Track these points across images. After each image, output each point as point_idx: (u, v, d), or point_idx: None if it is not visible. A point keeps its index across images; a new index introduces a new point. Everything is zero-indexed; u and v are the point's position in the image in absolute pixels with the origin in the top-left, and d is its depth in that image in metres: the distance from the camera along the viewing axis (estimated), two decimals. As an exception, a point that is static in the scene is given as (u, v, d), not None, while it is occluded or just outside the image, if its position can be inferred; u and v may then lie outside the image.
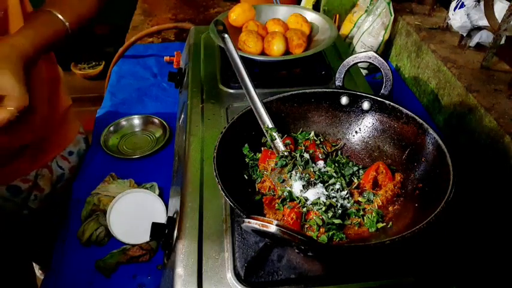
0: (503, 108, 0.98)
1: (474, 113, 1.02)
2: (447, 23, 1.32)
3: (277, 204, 0.65)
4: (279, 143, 0.72)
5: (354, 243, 0.60)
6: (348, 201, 0.66)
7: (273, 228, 0.46)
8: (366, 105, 0.76)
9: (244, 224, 0.48)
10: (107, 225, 0.93)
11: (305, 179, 0.67)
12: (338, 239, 0.60)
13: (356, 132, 0.78)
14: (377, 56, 0.74)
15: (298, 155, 0.71)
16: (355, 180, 0.69)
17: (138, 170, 1.13)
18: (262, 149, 0.74)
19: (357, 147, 0.77)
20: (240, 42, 1.02)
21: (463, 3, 1.19)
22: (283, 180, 0.68)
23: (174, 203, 0.77)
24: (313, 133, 0.77)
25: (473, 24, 1.17)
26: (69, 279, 0.87)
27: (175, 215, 0.72)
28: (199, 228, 0.66)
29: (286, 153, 0.71)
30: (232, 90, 0.98)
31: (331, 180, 0.67)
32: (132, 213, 0.96)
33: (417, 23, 1.40)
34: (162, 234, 0.71)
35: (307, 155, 0.71)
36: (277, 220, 0.49)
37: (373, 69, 1.49)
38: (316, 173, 0.68)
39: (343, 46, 1.23)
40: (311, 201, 0.63)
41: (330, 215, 0.61)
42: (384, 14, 1.42)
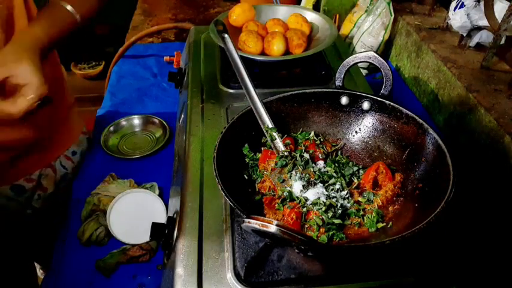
0: (503, 108, 0.98)
1: (474, 113, 1.02)
2: (447, 23, 1.32)
3: (277, 204, 0.65)
4: (279, 143, 0.72)
5: (354, 243, 0.60)
6: (348, 201, 0.66)
7: (273, 228, 0.46)
8: (366, 105, 0.76)
9: (244, 224, 0.48)
10: (107, 225, 0.93)
11: (305, 179, 0.67)
12: (338, 239, 0.60)
13: (356, 132, 0.78)
14: (377, 56, 0.74)
15: (298, 155, 0.71)
16: (355, 180, 0.69)
17: (138, 170, 1.13)
18: (262, 149, 0.74)
19: (357, 147, 0.77)
20: (240, 42, 1.02)
21: (463, 3, 1.19)
22: (283, 180, 0.68)
23: (174, 203, 0.77)
24: (313, 133, 0.77)
25: (473, 24, 1.17)
26: (69, 279, 0.87)
27: (175, 215, 0.72)
28: (199, 228, 0.66)
29: (286, 153, 0.71)
30: (232, 90, 0.98)
31: (331, 180, 0.67)
32: (132, 213, 0.96)
33: (417, 23, 1.40)
34: (162, 234, 0.71)
35: (307, 155, 0.71)
36: (277, 220, 0.49)
37: (373, 69, 1.49)
38: (316, 173, 0.68)
39: (343, 46, 1.22)
40: (311, 201, 0.63)
41: (330, 215, 0.61)
42: (384, 14, 1.42)
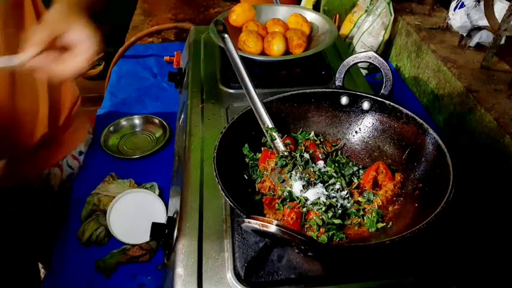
0: (503, 108, 0.98)
1: (474, 113, 1.02)
2: (447, 23, 1.32)
3: (277, 204, 0.65)
4: (279, 143, 0.72)
5: (354, 243, 0.60)
6: (348, 201, 0.66)
7: (273, 228, 0.46)
8: (366, 105, 0.76)
9: (244, 224, 0.48)
10: (107, 225, 0.93)
11: (305, 179, 0.66)
12: (338, 239, 0.60)
13: (356, 132, 0.78)
14: (377, 56, 0.74)
15: (298, 155, 0.71)
16: (355, 180, 0.69)
17: (138, 170, 1.13)
18: (262, 149, 0.74)
19: (357, 147, 0.77)
20: (240, 42, 1.02)
21: (463, 3, 1.19)
22: (283, 180, 0.68)
23: (174, 203, 0.77)
24: (313, 133, 0.77)
25: (473, 24, 1.17)
26: (69, 279, 0.87)
27: (175, 215, 0.72)
28: (199, 228, 0.66)
29: (286, 153, 0.71)
30: (232, 90, 0.98)
31: (331, 180, 0.67)
32: (132, 213, 0.96)
33: (417, 23, 1.40)
34: (162, 234, 0.71)
35: (307, 155, 0.71)
36: (277, 220, 0.49)
37: (373, 69, 1.49)
38: (316, 173, 0.68)
39: (343, 46, 1.22)
40: (311, 201, 0.63)
41: (330, 215, 0.61)
42: (384, 14, 1.42)
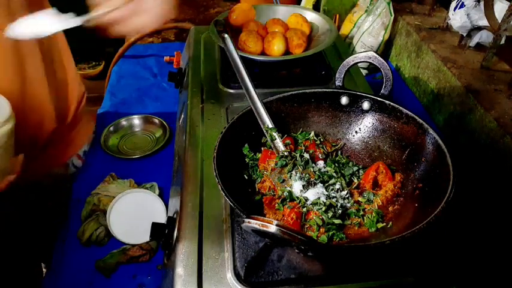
0: (503, 108, 0.97)
1: (474, 113, 1.02)
2: (447, 23, 1.32)
3: (277, 204, 0.65)
4: (279, 143, 0.72)
5: (354, 243, 0.60)
6: (348, 201, 0.66)
7: (273, 228, 0.46)
8: (366, 105, 0.76)
9: (244, 224, 0.48)
10: (107, 225, 0.93)
11: (305, 179, 0.66)
12: (338, 239, 0.60)
13: (356, 132, 0.78)
14: (377, 56, 0.74)
15: (298, 155, 0.71)
16: (355, 180, 0.69)
17: (138, 170, 1.13)
18: (262, 149, 0.74)
19: (357, 147, 0.77)
20: (240, 42, 1.02)
21: (463, 3, 1.19)
22: (283, 180, 0.68)
23: (174, 203, 0.77)
24: (313, 133, 0.77)
25: (473, 24, 1.17)
26: (69, 279, 0.87)
27: (175, 215, 0.72)
28: (199, 228, 0.66)
29: (286, 153, 0.71)
30: (232, 90, 0.98)
31: (331, 180, 0.67)
32: (132, 213, 0.96)
33: (417, 23, 1.40)
34: (162, 234, 0.71)
35: (307, 155, 0.71)
36: (277, 220, 0.49)
37: (373, 69, 1.49)
38: (316, 173, 0.68)
39: (343, 46, 1.22)
40: (311, 201, 0.63)
41: (330, 215, 0.61)
42: (384, 14, 1.42)
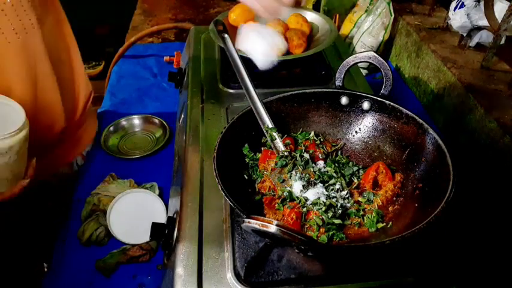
0: (503, 108, 0.98)
1: (474, 113, 1.02)
2: (447, 23, 1.32)
3: (277, 204, 0.65)
4: (279, 143, 0.72)
5: (354, 243, 0.60)
6: (348, 201, 0.66)
7: (273, 228, 0.46)
8: (366, 105, 0.76)
9: (244, 224, 0.48)
10: (107, 225, 0.93)
11: (305, 179, 0.66)
12: (338, 239, 0.60)
13: (356, 132, 0.78)
14: (377, 56, 0.74)
15: (298, 155, 0.71)
16: (355, 180, 0.69)
17: (138, 170, 1.13)
18: (262, 149, 0.74)
19: (357, 147, 0.77)
20: (240, 42, 1.02)
21: (463, 3, 1.19)
22: (283, 180, 0.68)
23: (174, 203, 0.77)
24: (313, 133, 0.77)
25: (473, 24, 1.18)
26: (69, 279, 0.87)
27: (175, 215, 0.72)
28: (199, 228, 0.66)
29: (286, 153, 0.71)
30: (232, 90, 0.98)
31: (331, 180, 0.67)
32: (132, 213, 0.96)
33: (417, 23, 1.40)
34: (162, 234, 0.71)
35: (307, 155, 0.71)
36: (277, 220, 0.49)
37: (373, 69, 1.49)
38: (316, 173, 0.68)
39: (343, 46, 1.22)
40: (311, 201, 0.63)
41: (330, 215, 0.61)
42: (384, 14, 1.42)
